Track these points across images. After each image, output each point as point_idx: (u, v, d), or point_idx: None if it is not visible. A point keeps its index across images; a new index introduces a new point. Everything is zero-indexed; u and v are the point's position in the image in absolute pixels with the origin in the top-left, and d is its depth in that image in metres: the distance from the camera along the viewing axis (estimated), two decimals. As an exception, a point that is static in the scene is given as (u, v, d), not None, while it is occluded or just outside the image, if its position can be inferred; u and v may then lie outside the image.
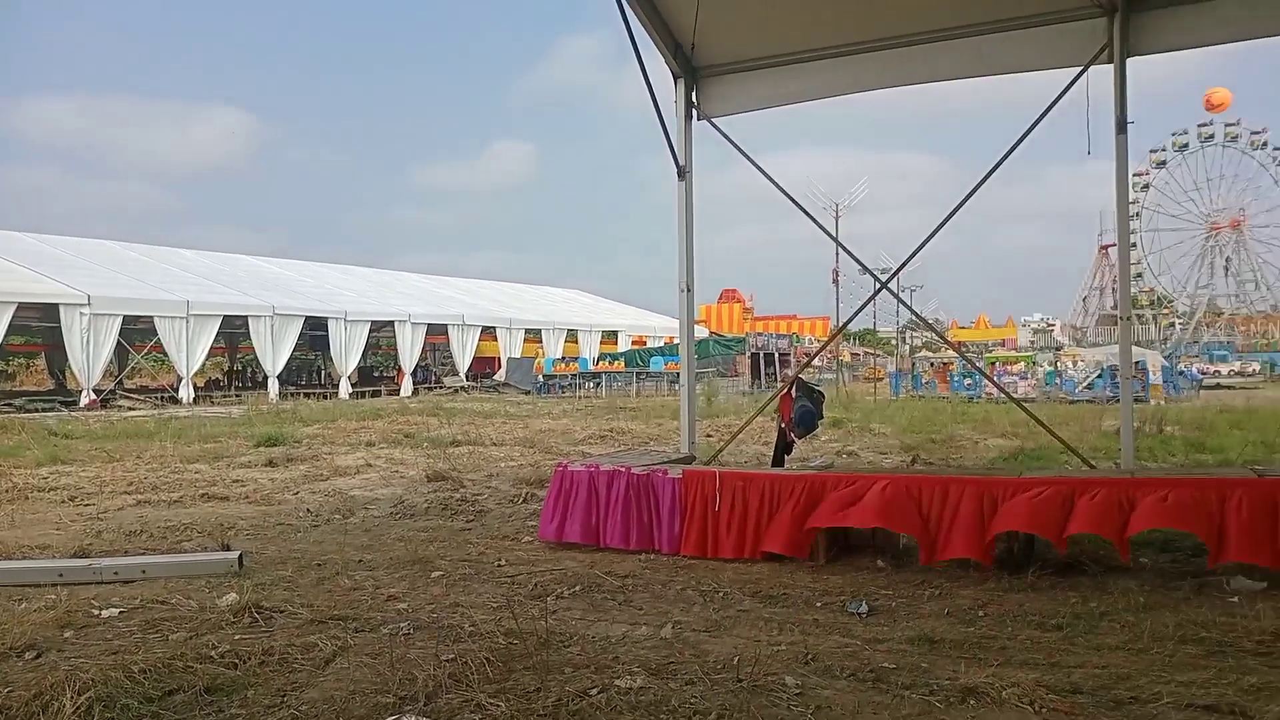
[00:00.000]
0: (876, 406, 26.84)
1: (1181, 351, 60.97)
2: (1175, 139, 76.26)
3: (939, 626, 5.07)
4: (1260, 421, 17.98)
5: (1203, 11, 8.62)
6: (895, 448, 15.50)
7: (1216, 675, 4.19)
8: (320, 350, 45.49)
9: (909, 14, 9.35)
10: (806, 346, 48.27)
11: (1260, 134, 73.41)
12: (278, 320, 34.36)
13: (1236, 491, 5.86)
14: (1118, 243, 8.97)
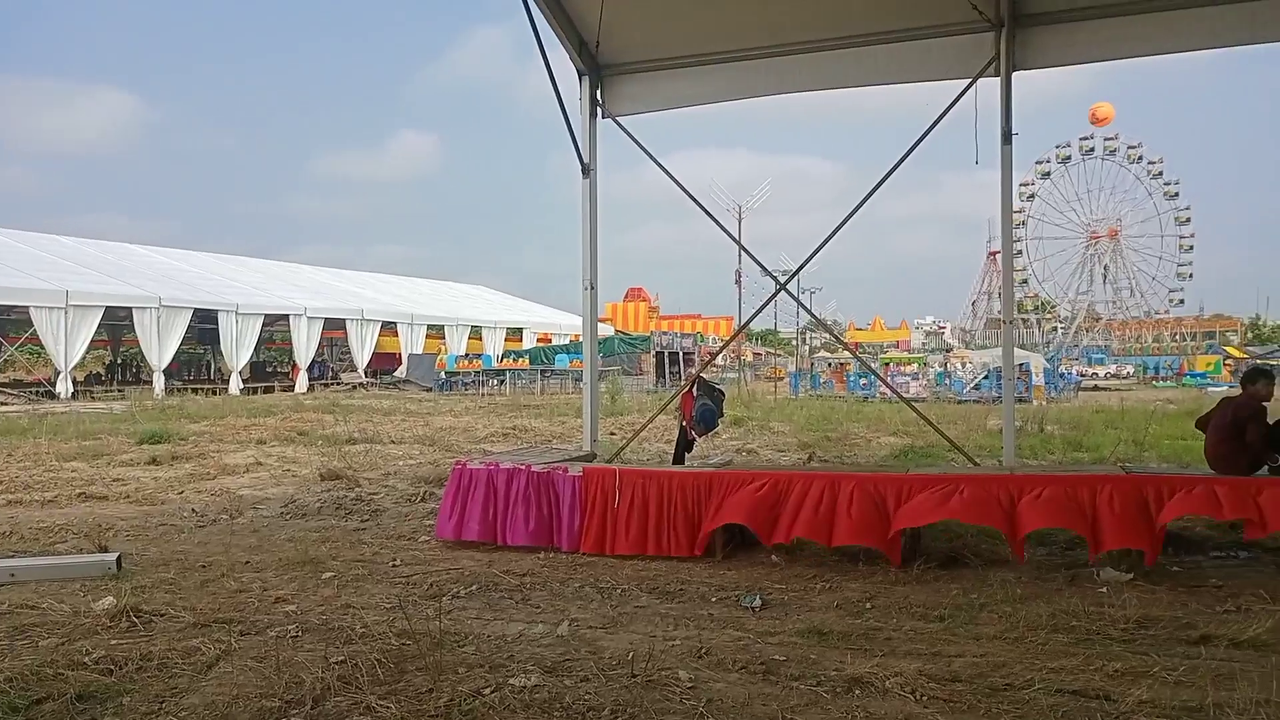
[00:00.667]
0: (777, 405, 27.36)
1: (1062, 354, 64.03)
2: (1059, 151, 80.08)
3: (828, 619, 5.21)
4: (1132, 421, 19.02)
5: (1083, 30, 9.07)
6: (793, 445, 15.82)
7: (1085, 662, 4.42)
8: (210, 344, 43.73)
9: (809, 23, 9.56)
10: (710, 346, 48.87)
11: (1136, 148, 77.73)
12: (164, 312, 32.88)
13: (1107, 487, 6.20)
14: (1002, 249, 9.36)
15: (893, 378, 37.33)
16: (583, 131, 9.83)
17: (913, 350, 67.22)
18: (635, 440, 10.87)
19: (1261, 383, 6.92)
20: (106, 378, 41.81)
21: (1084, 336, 79.45)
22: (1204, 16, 8.79)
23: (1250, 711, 3.78)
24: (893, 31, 9.53)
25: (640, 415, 18.86)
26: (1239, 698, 3.90)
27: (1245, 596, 5.64)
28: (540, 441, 15.84)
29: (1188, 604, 5.50)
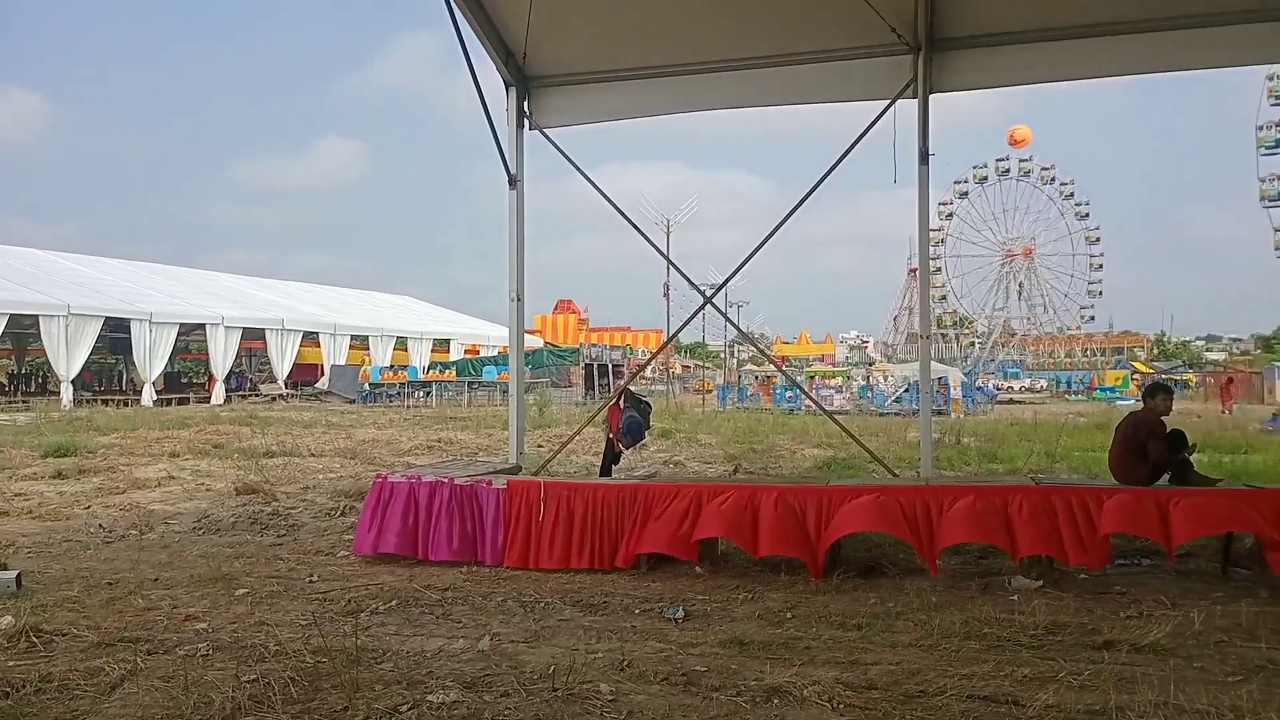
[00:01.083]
0: (704, 417, 27.57)
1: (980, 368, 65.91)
2: (976, 171, 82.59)
3: (749, 629, 5.26)
4: (1044, 434, 19.67)
5: (997, 55, 9.41)
6: (720, 457, 15.95)
7: (995, 668, 4.55)
8: (122, 354, 42.21)
9: (735, 41, 9.70)
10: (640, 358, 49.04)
11: (1049, 169, 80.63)
12: (73, 321, 31.64)
13: (1018, 497, 6.39)
14: (918, 265, 9.61)
15: (818, 391, 37.96)
16: (509, 143, 9.80)
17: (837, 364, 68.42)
18: (562, 453, 10.83)
19: (1160, 397, 7.23)
20: (10, 388, 40.01)
21: (1000, 351, 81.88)
22: (1110, 45, 9.20)
23: (1149, 714, 3.93)
24: (816, 52, 9.73)
25: (569, 427, 18.82)
26: (1139, 700, 4.06)
27: (1147, 602, 5.87)
28: (466, 454, 15.67)
29: (1093, 610, 5.70)
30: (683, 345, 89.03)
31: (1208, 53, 9.20)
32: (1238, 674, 4.52)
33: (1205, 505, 6.28)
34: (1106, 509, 6.28)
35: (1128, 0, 8.78)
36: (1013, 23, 9.14)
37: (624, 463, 10.57)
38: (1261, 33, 8.92)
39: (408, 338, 47.54)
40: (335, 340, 42.87)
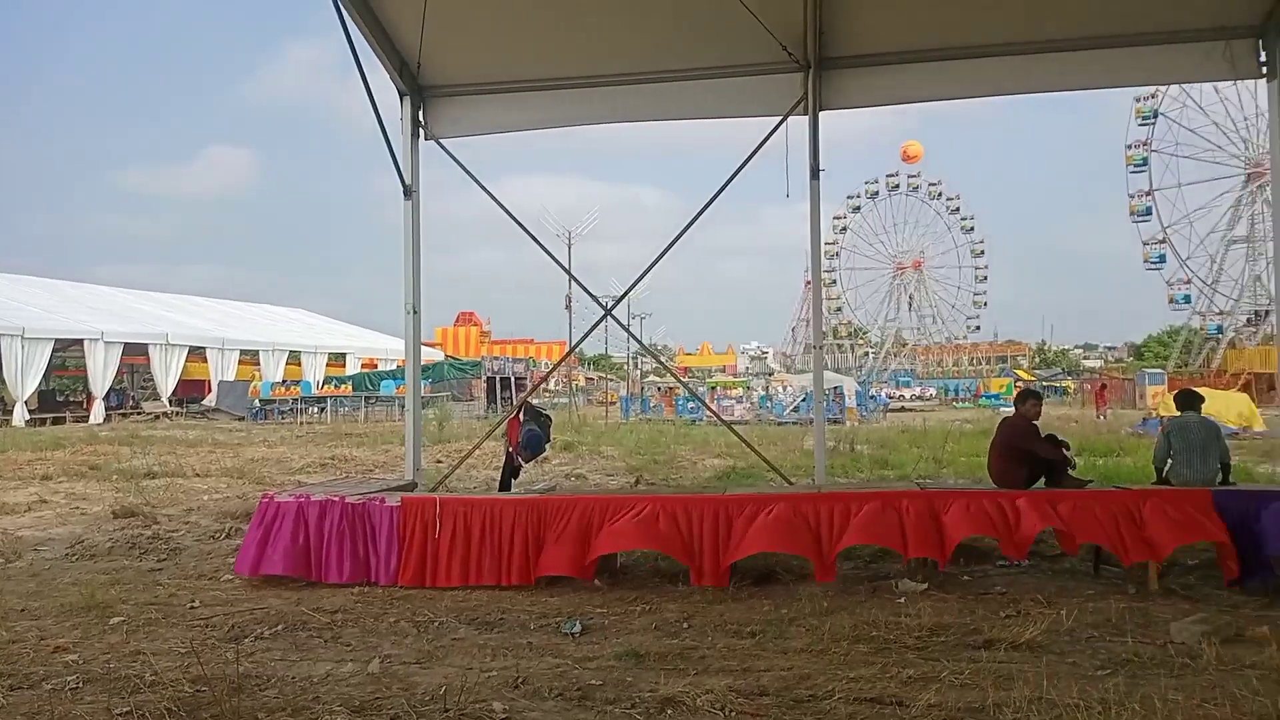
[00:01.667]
0: (608, 429, 27.60)
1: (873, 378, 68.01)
2: (868, 187, 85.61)
3: (646, 640, 5.28)
4: (933, 440, 20.39)
5: (883, 75, 9.74)
6: (622, 469, 15.99)
7: (882, 670, 4.68)
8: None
9: (631, 55, 9.79)
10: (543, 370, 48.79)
11: (936, 185, 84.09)
12: (-67, 336, 29.63)
13: (903, 502, 6.61)
14: (812, 278, 9.85)
15: (719, 401, 38.47)
16: (404, 153, 9.65)
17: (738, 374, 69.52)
18: (462, 468, 10.67)
19: (1030, 403, 7.61)
20: None
21: (892, 361, 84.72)
22: (986, 66, 9.64)
23: (1025, 709, 4.10)
24: (711, 68, 9.90)
25: (469, 442, 18.53)
26: (1016, 697, 4.23)
27: (1025, 602, 6.13)
28: (361, 471, 15.30)
29: (975, 611, 5.92)
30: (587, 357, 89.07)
31: (1078, 75, 9.73)
32: (1106, 667, 4.76)
33: (1092, 510, 6.59)
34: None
35: (1002, 25, 9.21)
36: (896, 44, 9.49)
37: (524, 476, 10.49)
38: (1128, 58, 9.49)
39: (301, 352, 46.10)
40: (224, 355, 41.24)
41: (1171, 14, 8.97)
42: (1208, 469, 7.27)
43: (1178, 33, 9.18)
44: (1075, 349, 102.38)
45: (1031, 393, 7.94)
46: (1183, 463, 7.30)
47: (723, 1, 8.32)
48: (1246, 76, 9.34)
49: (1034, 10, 8.91)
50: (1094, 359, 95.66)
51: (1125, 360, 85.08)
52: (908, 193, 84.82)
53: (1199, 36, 9.13)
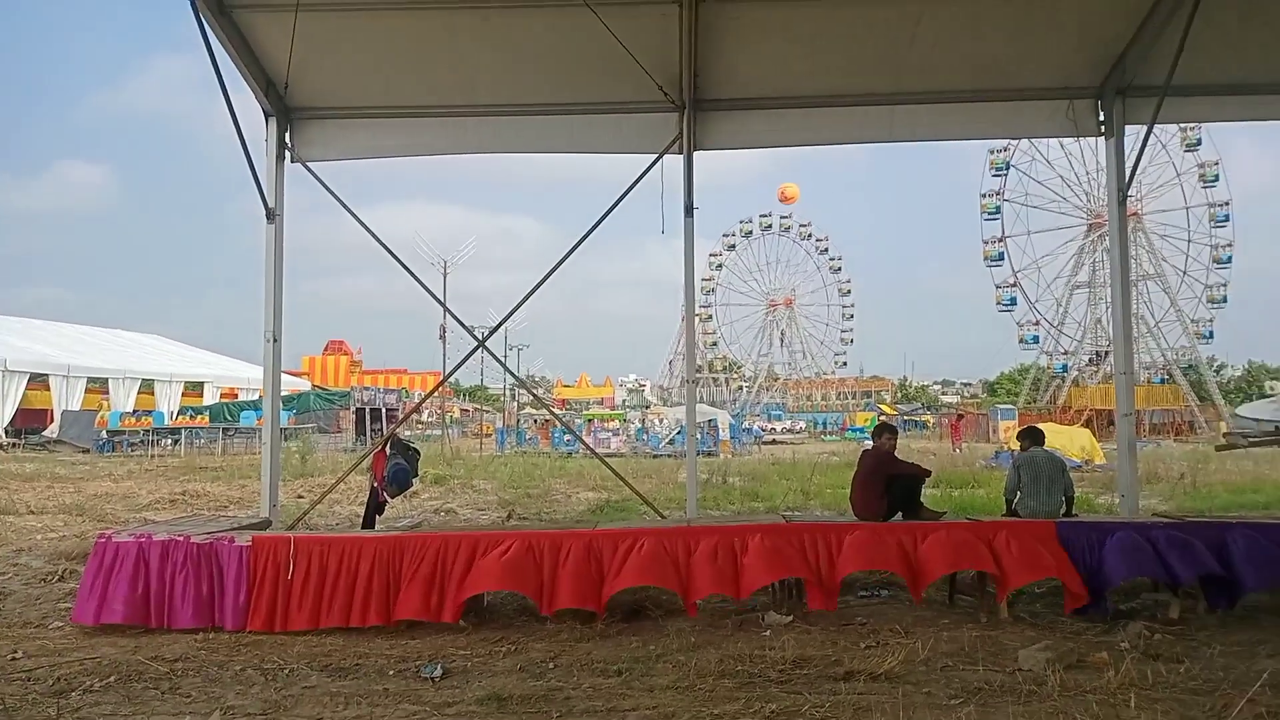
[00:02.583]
0: (482, 462, 27.13)
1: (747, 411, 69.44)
2: (742, 226, 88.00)
3: (509, 683, 5.13)
4: (801, 472, 20.90)
5: (752, 119, 10.03)
6: (494, 503, 15.70)
7: (746, 705, 4.69)
8: None
9: (509, 87, 9.75)
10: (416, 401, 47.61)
11: (806, 226, 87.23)
12: None
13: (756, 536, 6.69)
14: (686, 312, 9.98)
15: (596, 433, 38.44)
16: (268, 175, 9.29)
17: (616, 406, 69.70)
18: (326, 504, 10.24)
19: (885, 436, 7.90)
20: None
21: (765, 394, 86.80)
22: (853, 115, 10.05)
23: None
24: (589, 104, 9.97)
25: (334, 476, 17.85)
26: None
27: (884, 632, 6.28)
28: (214, 508, 14.48)
29: (837, 642, 6.02)
30: (462, 389, 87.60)
31: (936, 127, 10.26)
32: (959, 696, 4.91)
33: (949, 542, 6.83)
34: (847, 546, 6.72)
35: (866, 78, 9.63)
36: (767, 90, 9.79)
37: (390, 513, 10.14)
38: (981, 112, 10.08)
39: (155, 380, 43.59)
40: (68, 383, 38.56)
41: (1021, 74, 9.58)
42: (1053, 501, 7.67)
43: (1026, 90, 9.82)
44: (934, 385, 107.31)
45: (887, 426, 8.24)
46: (1030, 495, 7.68)
47: (602, 40, 8.39)
48: (1087, 134, 10.06)
49: (895, 65, 9.34)
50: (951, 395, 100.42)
51: (980, 396, 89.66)
52: (780, 233, 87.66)
53: (1045, 95, 9.79)
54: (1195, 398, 60.25)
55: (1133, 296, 54.47)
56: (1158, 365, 63.54)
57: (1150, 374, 62.15)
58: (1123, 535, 6.81)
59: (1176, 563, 6.67)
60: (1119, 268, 9.95)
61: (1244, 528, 6.98)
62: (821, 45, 9.24)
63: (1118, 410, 10.02)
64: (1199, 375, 63.54)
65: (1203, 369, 64.12)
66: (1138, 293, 60.15)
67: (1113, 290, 10.07)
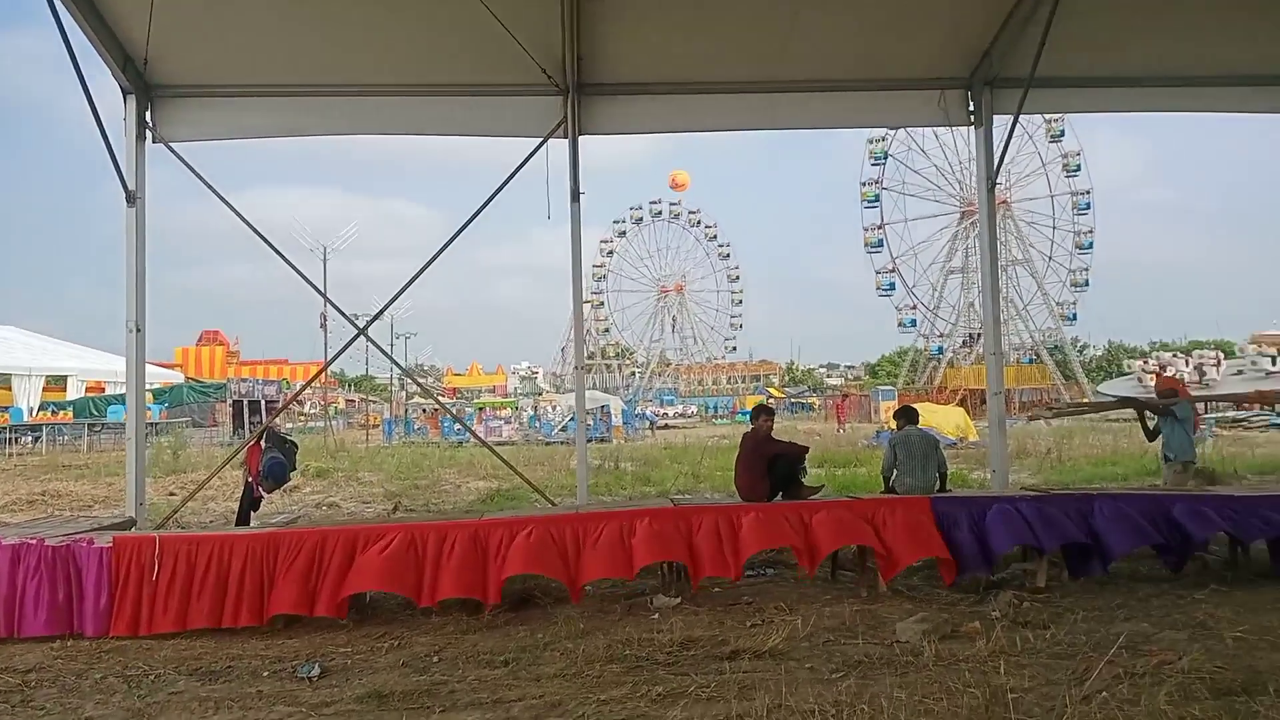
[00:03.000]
0: (368, 453, 26.45)
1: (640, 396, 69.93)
2: (632, 212, 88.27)
3: (391, 679, 4.99)
4: (692, 456, 21.16)
5: (637, 104, 10.02)
6: (380, 495, 15.32)
7: (633, 689, 4.68)
8: None
9: (386, 66, 9.46)
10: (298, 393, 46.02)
11: (696, 214, 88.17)
12: None
13: (645, 519, 6.71)
14: (574, 298, 9.91)
15: (488, 422, 38.01)
16: (127, 156, 8.79)
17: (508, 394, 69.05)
18: (197, 500, 9.78)
19: (763, 417, 8.04)
20: None
21: (657, 380, 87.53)
22: (737, 102, 10.16)
23: (766, 717, 4.23)
24: (471, 86, 9.76)
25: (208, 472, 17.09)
26: (758, 706, 4.35)
27: (769, 610, 6.38)
28: (76, 509, 13.66)
29: (724, 622, 6.09)
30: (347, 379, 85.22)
31: (816, 114, 10.49)
32: (840, 671, 5.02)
33: (832, 520, 6.98)
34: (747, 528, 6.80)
35: (748, 65, 9.73)
36: (652, 75, 9.78)
37: (266, 508, 9.77)
38: (859, 101, 10.33)
39: (12, 375, 40.80)
40: (-89, 379, 35.75)
41: (896, 64, 9.86)
42: (928, 477, 7.95)
43: (901, 80, 10.11)
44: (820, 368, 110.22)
45: (764, 408, 8.39)
46: (906, 472, 7.94)
47: (484, 21, 8.21)
48: (958, 124, 10.45)
49: (776, 53, 9.47)
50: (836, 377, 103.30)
51: (863, 378, 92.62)
52: (670, 219, 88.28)
53: (919, 85, 10.10)
54: (1061, 376, 63.69)
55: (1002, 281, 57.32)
56: (1026, 346, 66.88)
57: (1019, 354, 65.40)
58: (1001, 507, 7.10)
59: (1042, 532, 7.00)
60: (988, 253, 10.39)
61: (1105, 498, 7.36)
62: (704, 32, 9.29)
63: (989, 389, 10.48)
64: (1064, 355, 67.15)
65: (1067, 349, 67.80)
66: (1007, 277, 63.19)
67: (982, 274, 10.51)
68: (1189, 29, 9.41)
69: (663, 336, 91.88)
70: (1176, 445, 8.81)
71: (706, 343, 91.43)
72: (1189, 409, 8.98)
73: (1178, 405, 8.85)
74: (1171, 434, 8.82)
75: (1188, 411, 8.93)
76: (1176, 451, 8.80)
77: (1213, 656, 4.96)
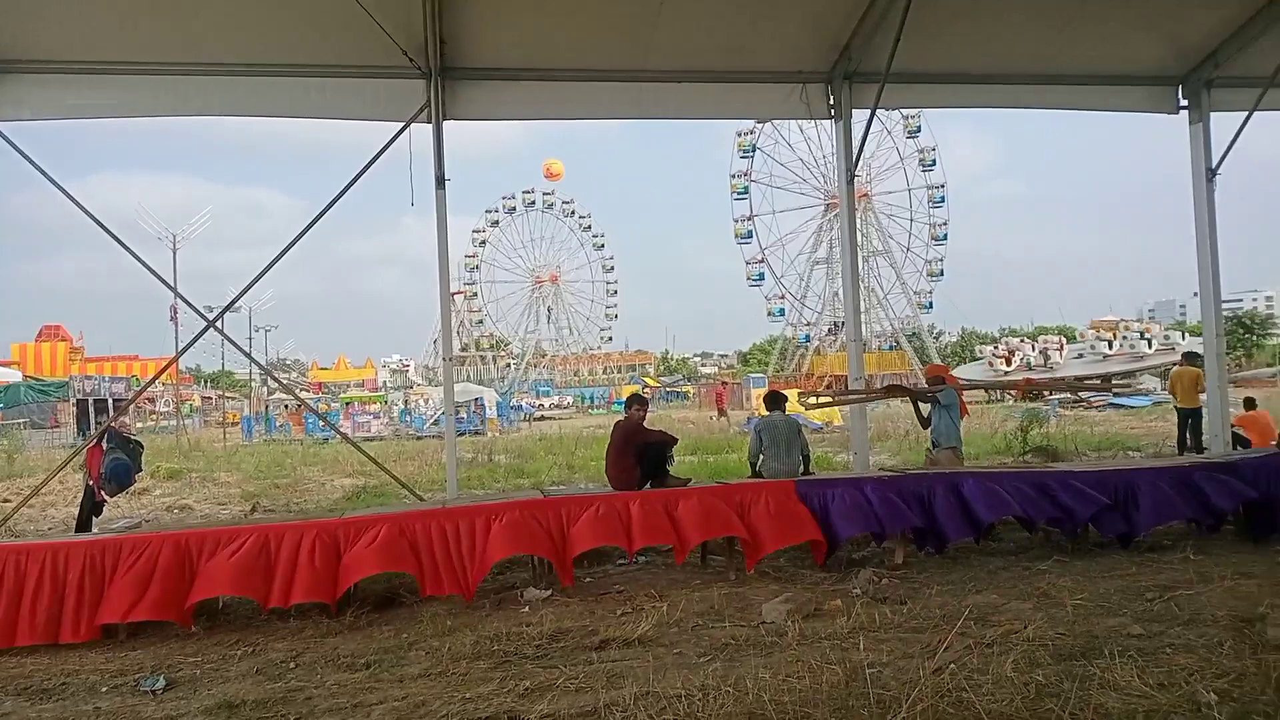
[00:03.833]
0: (225, 453, 25.23)
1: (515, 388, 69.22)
2: (505, 202, 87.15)
3: (243, 688, 4.74)
4: (567, 447, 21.08)
5: (506, 89, 9.85)
6: (237, 496, 14.61)
7: (499, 685, 4.59)
8: None
9: (240, 45, 9.02)
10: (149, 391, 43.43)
11: (569, 203, 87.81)
12: None
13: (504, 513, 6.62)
14: (440, 288, 9.67)
15: (355, 417, 36.87)
16: (-60, 136, 8.04)
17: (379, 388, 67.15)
18: (34, 507, 9.09)
19: (635, 406, 8.07)
20: None
21: (533, 371, 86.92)
22: (605, 91, 10.13)
23: (634, 706, 4.21)
24: (329, 66, 9.40)
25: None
26: (625, 694, 4.34)
27: (640, 598, 6.40)
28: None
29: (594, 612, 6.07)
30: (204, 374, 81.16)
31: (683, 105, 10.53)
32: (708, 654, 5.08)
33: (701, 510, 7.03)
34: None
35: (613, 53, 9.72)
36: (517, 60, 9.64)
37: (109, 512, 9.16)
38: (724, 93, 10.45)
39: None
40: None
41: (760, 58, 10.03)
42: (792, 460, 8.14)
43: (765, 73, 10.31)
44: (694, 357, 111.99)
45: (637, 397, 8.42)
46: (771, 456, 8.11)
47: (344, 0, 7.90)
48: (819, 117, 10.71)
49: (643, 43, 9.48)
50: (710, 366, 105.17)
51: (735, 366, 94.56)
52: (543, 209, 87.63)
53: (781, 78, 10.31)
54: (919, 362, 66.66)
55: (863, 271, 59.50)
56: (887, 334, 69.71)
57: (881, 342, 68.12)
58: (846, 493, 7.30)
59: (886, 517, 7.24)
60: (848, 243, 10.72)
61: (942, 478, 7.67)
62: (571, 18, 9.23)
63: (850, 375, 10.84)
64: (921, 342, 70.33)
65: (924, 336, 71.07)
66: (869, 268, 65.72)
67: (843, 264, 10.82)
68: (1037, 29, 9.95)
69: (538, 327, 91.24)
70: (943, 431, 8.85)
71: (582, 333, 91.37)
72: (954, 395, 9.00)
73: (942, 392, 8.91)
74: (939, 420, 8.87)
75: (953, 398, 8.94)
76: (942, 437, 8.86)
77: (1055, 624, 5.26)
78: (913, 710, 3.81)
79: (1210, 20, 10.15)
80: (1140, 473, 7.89)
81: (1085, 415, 29.06)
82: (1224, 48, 10.40)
